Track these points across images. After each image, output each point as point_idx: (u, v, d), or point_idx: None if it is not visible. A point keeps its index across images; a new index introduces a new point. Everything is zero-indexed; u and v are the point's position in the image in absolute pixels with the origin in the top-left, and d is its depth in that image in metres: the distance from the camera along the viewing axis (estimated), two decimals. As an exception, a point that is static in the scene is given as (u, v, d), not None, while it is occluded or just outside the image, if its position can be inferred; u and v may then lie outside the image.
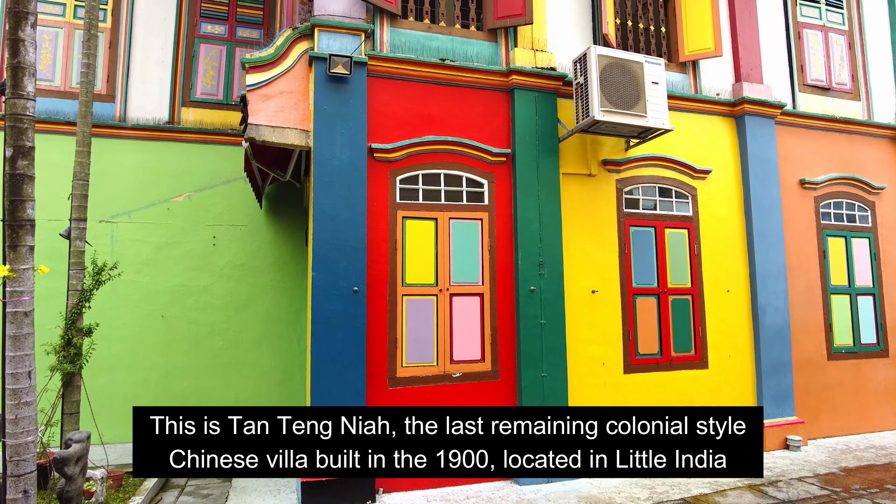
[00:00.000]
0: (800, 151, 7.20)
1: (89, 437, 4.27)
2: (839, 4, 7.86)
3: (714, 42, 6.52)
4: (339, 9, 5.24)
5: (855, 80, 7.82)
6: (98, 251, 6.15)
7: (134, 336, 6.73)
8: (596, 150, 6.09)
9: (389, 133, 5.33)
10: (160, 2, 7.48)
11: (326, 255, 4.91)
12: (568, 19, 6.23)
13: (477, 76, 5.62)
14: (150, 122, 7.19)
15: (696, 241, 6.39)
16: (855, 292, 7.27)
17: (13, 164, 3.51)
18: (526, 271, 5.49)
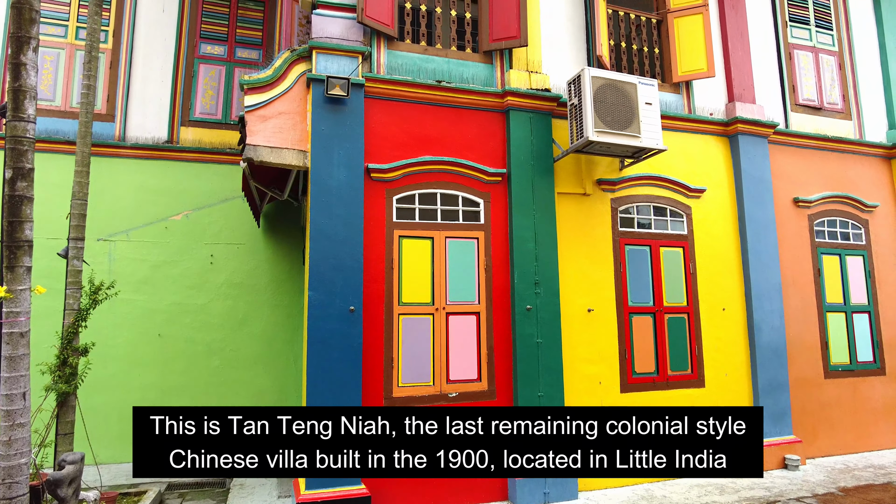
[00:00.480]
0: (793, 170, 7.28)
1: (83, 458, 4.25)
2: (829, 26, 8.00)
3: (707, 63, 6.63)
4: (336, 31, 5.33)
5: (846, 100, 7.93)
6: (95, 270, 6.17)
7: (130, 355, 6.72)
8: (591, 170, 6.15)
9: (386, 153, 5.39)
10: (161, 23, 7.60)
11: (323, 274, 4.93)
12: (562, 41, 6.34)
13: (473, 97, 5.70)
14: (149, 141, 7.26)
15: (692, 260, 6.42)
16: (850, 310, 7.29)
17: (12, 186, 3.54)
18: (522, 290, 5.51)
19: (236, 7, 7.93)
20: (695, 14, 6.77)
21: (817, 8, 7.96)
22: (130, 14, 7.49)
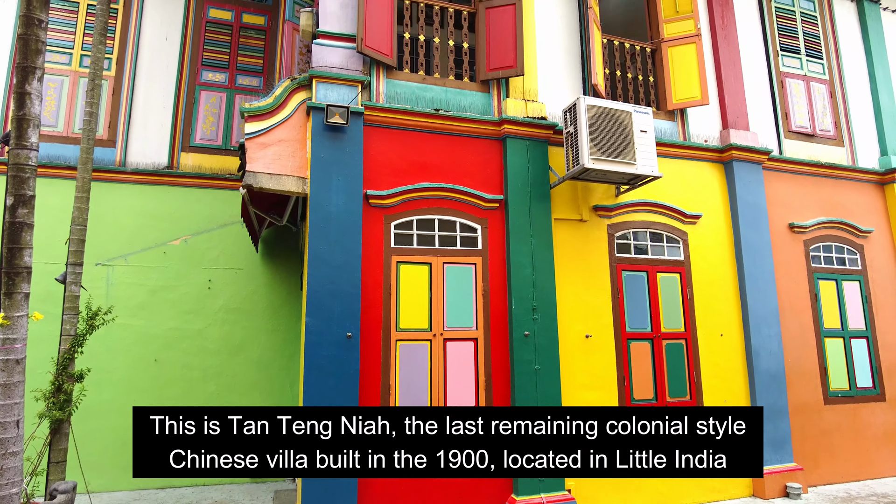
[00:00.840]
0: (788, 196, 7.35)
1: (75, 487, 4.19)
2: (819, 55, 8.16)
3: (700, 91, 6.74)
4: (336, 61, 5.42)
5: (838, 127, 8.04)
6: (93, 294, 6.15)
7: (126, 380, 6.67)
8: (587, 196, 6.21)
9: (385, 180, 5.44)
10: (163, 51, 7.73)
11: (321, 300, 4.93)
12: (558, 70, 6.45)
13: (470, 125, 5.78)
14: (149, 166, 7.32)
15: (689, 285, 6.44)
16: (848, 335, 7.28)
17: (13, 213, 3.56)
18: (520, 316, 5.51)
19: (238, 36, 8.08)
20: (688, 44, 6.91)
21: (807, 38, 8.13)
22: (134, 42, 7.63)
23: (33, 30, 3.58)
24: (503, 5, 5.97)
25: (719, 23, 7.39)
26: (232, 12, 8.11)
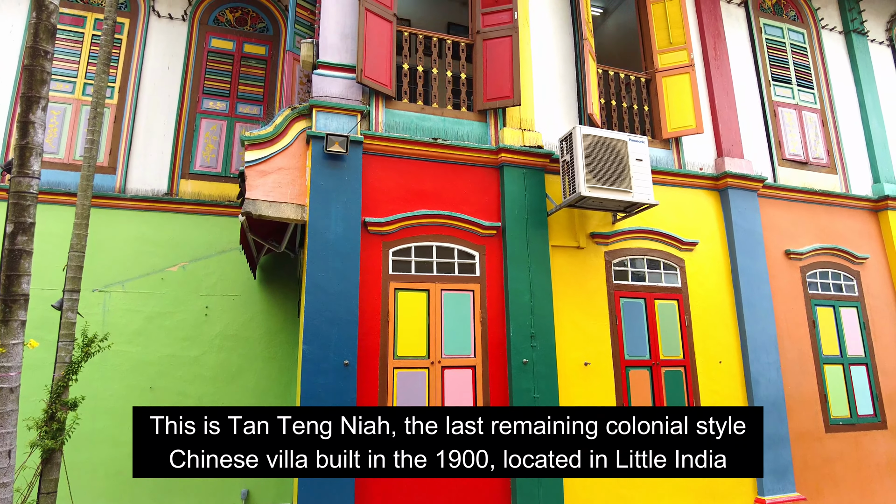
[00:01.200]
0: (783, 223, 7.40)
1: (66, 519, 4.10)
2: (810, 85, 8.32)
3: (695, 120, 6.84)
4: (336, 91, 5.51)
5: (830, 155, 8.15)
6: (89, 321, 6.11)
7: (120, 408, 6.58)
8: (584, 224, 6.25)
9: (383, 207, 5.48)
10: (165, 80, 7.85)
11: (318, 327, 4.91)
12: (554, 100, 6.56)
13: (468, 154, 5.85)
14: (148, 193, 7.36)
15: (687, 312, 6.44)
16: (847, 362, 7.26)
17: (13, 240, 3.57)
18: (518, 343, 5.49)
19: (239, 65, 8.22)
20: (682, 74, 7.05)
21: (797, 68, 8.30)
22: (136, 71, 7.75)
23: (39, 61, 3.64)
24: (500, 37, 6.10)
25: (712, 53, 7.55)
26: (234, 42, 8.26)
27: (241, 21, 8.39)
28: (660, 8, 7.26)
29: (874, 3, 9.28)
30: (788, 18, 8.55)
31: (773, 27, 8.35)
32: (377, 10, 5.69)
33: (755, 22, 8.20)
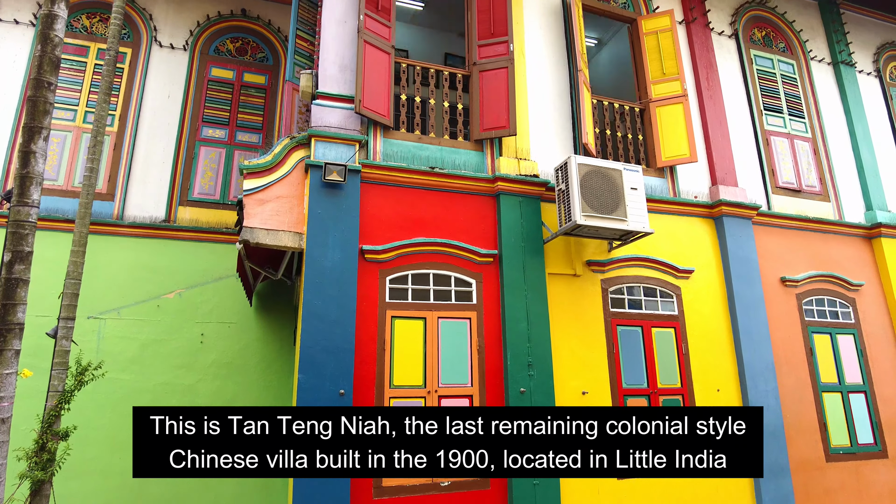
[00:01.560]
0: (778, 250, 7.45)
1: (54, 554, 4.01)
2: (801, 115, 8.46)
3: (689, 149, 6.94)
4: (335, 121, 5.59)
5: (823, 183, 8.25)
6: (84, 349, 6.08)
7: (112, 438, 6.49)
8: (580, 251, 6.28)
9: (381, 235, 5.50)
10: (166, 108, 7.94)
11: (314, 357, 4.89)
12: (550, 129, 6.65)
13: (464, 182, 5.91)
14: (146, 220, 7.38)
15: (684, 340, 6.43)
16: (846, 389, 7.23)
17: (10, 269, 3.57)
18: (515, 372, 5.46)
19: (239, 93, 8.33)
20: (675, 104, 7.17)
21: (788, 98, 8.46)
22: (137, 99, 7.84)
23: (42, 92, 3.69)
24: (496, 68, 6.21)
25: (705, 84, 7.70)
26: (234, 71, 8.39)
27: (242, 51, 8.53)
28: (653, 40, 7.42)
29: (861, 35, 9.51)
30: (778, 50, 8.74)
31: (764, 58, 8.54)
32: (376, 42, 5.80)
33: (746, 53, 8.39)
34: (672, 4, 7.95)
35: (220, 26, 8.48)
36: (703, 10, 8.07)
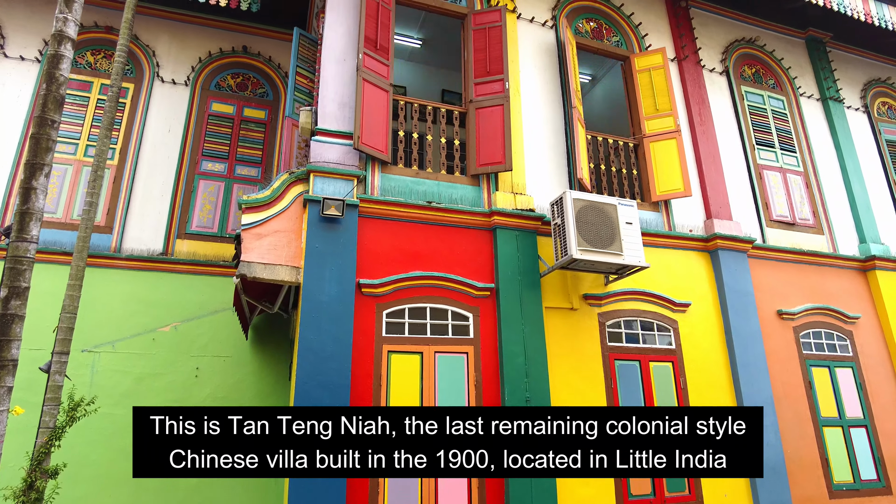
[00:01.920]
0: (774, 283, 7.47)
1: None
2: (792, 149, 8.61)
3: (683, 183, 7.03)
4: (333, 157, 5.66)
5: (816, 216, 8.34)
6: (77, 382, 6.01)
7: (103, 475, 6.36)
8: (577, 285, 6.30)
9: (378, 269, 5.52)
10: (166, 142, 8.03)
11: (309, 392, 4.84)
12: (545, 165, 6.75)
13: (461, 217, 5.96)
14: (144, 252, 7.39)
15: (681, 374, 6.40)
16: (847, 424, 7.16)
17: (5, 305, 3.56)
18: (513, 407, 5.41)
19: (238, 128, 8.44)
20: (669, 139, 7.29)
21: (780, 133, 8.61)
22: (138, 133, 7.93)
23: (46, 130, 3.74)
24: (492, 106, 6.34)
25: (697, 119, 7.84)
26: (234, 106, 8.52)
27: (242, 86, 8.68)
28: (646, 77, 7.59)
29: (848, 72, 9.75)
30: (768, 86, 8.94)
31: (755, 94, 8.72)
32: (374, 80, 5.93)
33: (737, 89, 8.57)
34: (664, 42, 8.16)
35: (222, 62, 8.65)
36: (694, 48, 8.29)
